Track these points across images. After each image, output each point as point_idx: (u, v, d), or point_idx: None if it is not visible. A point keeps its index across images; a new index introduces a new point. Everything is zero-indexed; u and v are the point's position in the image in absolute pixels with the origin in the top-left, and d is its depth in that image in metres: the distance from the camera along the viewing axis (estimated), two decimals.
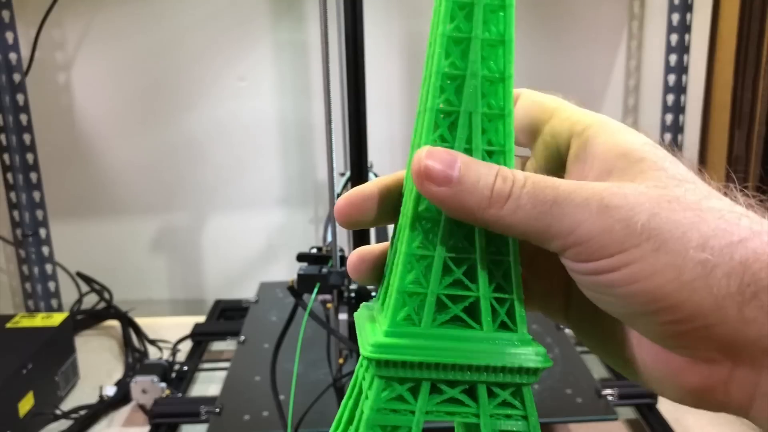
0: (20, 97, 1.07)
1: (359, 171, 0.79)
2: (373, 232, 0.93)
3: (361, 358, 0.27)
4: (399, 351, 0.26)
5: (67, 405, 0.86)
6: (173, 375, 0.90)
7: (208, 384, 0.93)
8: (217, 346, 1.04)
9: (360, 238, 0.87)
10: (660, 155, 0.25)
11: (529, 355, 0.26)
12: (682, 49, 1.11)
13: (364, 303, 0.30)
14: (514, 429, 0.26)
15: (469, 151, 0.25)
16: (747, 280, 0.22)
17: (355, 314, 0.30)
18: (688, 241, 0.22)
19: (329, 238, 0.94)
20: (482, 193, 0.24)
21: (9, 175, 1.09)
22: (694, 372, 0.24)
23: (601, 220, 0.23)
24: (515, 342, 0.26)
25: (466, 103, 0.26)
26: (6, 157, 1.08)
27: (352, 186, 0.63)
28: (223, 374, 0.88)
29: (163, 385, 0.85)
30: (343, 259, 0.95)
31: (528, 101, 0.28)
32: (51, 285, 1.14)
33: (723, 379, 0.24)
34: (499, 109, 0.26)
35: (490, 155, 0.26)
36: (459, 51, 0.26)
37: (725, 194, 0.25)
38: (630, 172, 0.24)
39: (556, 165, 0.28)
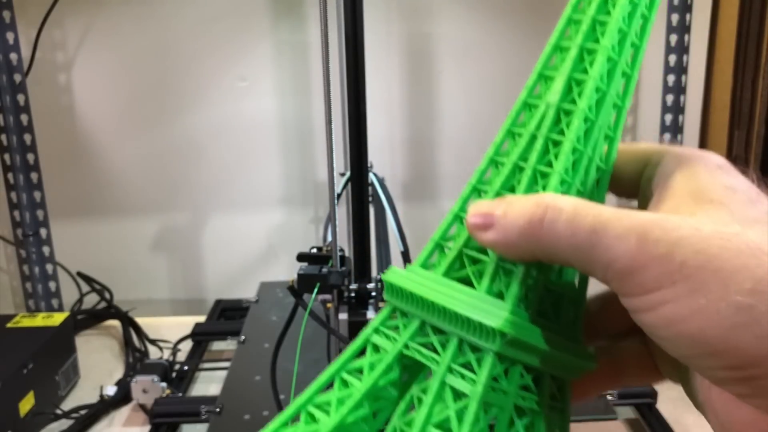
0: (21, 98, 1.07)
1: (359, 171, 0.79)
2: (372, 233, 0.93)
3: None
4: (399, 277, 0.28)
5: (67, 405, 0.86)
6: (174, 375, 0.90)
7: (208, 384, 0.93)
8: (218, 345, 1.04)
9: (360, 234, 0.87)
10: (733, 198, 0.23)
11: (490, 313, 0.26)
12: (682, 49, 1.11)
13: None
14: (459, 387, 0.26)
15: (524, 169, 0.27)
16: None
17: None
18: (734, 284, 0.21)
19: (329, 238, 0.94)
20: (518, 224, 0.24)
21: (9, 175, 1.09)
22: (759, 423, 0.22)
23: (640, 255, 0.22)
24: (492, 305, 0.26)
25: (533, 125, 0.27)
26: (6, 157, 1.08)
27: (353, 186, 0.63)
28: (223, 374, 0.89)
29: (164, 384, 0.85)
30: (343, 259, 0.95)
31: (620, 152, 0.28)
32: (51, 285, 1.14)
33: None
34: (565, 134, 0.27)
35: (543, 176, 0.27)
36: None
37: None
38: (693, 209, 0.23)
39: None
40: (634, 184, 0.28)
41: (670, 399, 0.84)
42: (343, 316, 0.90)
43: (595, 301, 0.27)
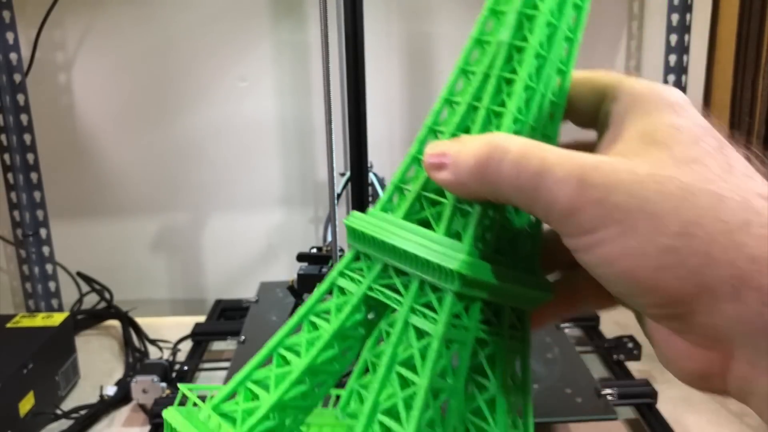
0: (21, 98, 1.07)
1: (359, 171, 0.79)
2: None
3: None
4: (360, 221, 0.30)
5: (67, 405, 0.86)
6: (174, 375, 0.90)
7: (208, 383, 0.93)
8: (218, 345, 1.04)
9: None
10: (678, 137, 0.23)
11: (448, 255, 0.27)
12: (682, 49, 1.11)
13: None
14: (422, 327, 0.27)
15: (477, 109, 0.28)
16: (728, 273, 0.21)
17: None
18: (663, 226, 0.22)
19: (329, 238, 0.94)
20: (468, 163, 0.25)
21: (9, 175, 1.09)
22: (693, 357, 0.24)
23: (578, 199, 0.23)
24: (450, 247, 0.27)
25: (485, 64, 0.28)
26: (6, 157, 1.08)
27: (353, 186, 0.63)
28: (223, 374, 0.88)
29: (164, 384, 0.85)
30: None
31: (578, 83, 0.29)
32: (51, 285, 1.14)
33: (720, 368, 0.23)
34: (517, 73, 0.28)
35: (497, 115, 0.28)
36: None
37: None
38: (639, 152, 0.24)
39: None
40: (592, 116, 0.28)
41: (670, 399, 0.84)
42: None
43: (552, 234, 0.27)
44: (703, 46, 1.15)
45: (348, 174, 0.89)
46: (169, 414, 0.30)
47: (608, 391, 0.78)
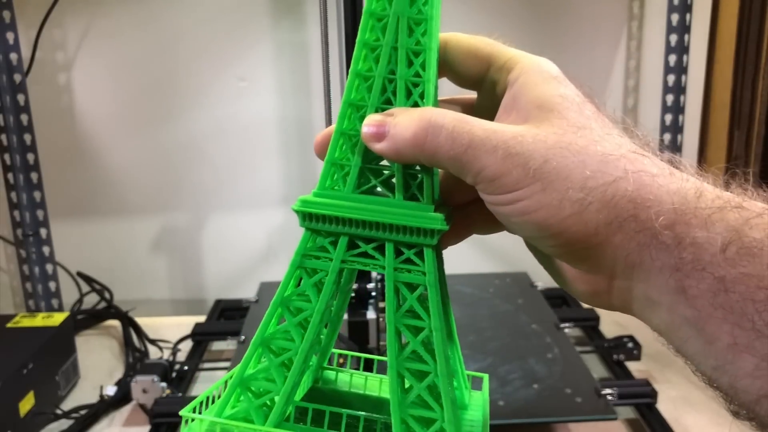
0: (21, 98, 1.07)
1: None
2: None
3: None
4: (321, 207, 0.32)
5: (67, 404, 0.86)
6: (174, 375, 0.91)
7: (208, 384, 0.93)
8: (218, 345, 1.04)
9: None
10: (566, 105, 0.29)
11: (428, 219, 0.31)
12: (682, 49, 1.11)
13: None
14: (412, 281, 0.32)
15: (394, 81, 0.31)
16: (614, 213, 0.27)
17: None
18: (570, 182, 0.27)
19: None
20: (405, 136, 0.30)
21: (10, 175, 1.09)
22: (584, 281, 0.31)
23: (504, 166, 0.28)
24: (420, 209, 0.31)
25: (391, 37, 0.31)
26: (6, 157, 1.08)
27: None
28: (223, 374, 0.88)
29: (164, 384, 0.85)
30: None
31: (464, 53, 0.33)
32: (51, 285, 1.14)
33: (605, 287, 0.30)
34: (423, 44, 0.31)
35: (415, 86, 0.31)
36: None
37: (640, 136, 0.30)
38: (539, 120, 0.29)
39: (497, 110, 0.32)
40: (475, 80, 0.34)
41: (670, 399, 0.84)
42: (344, 316, 0.90)
43: (447, 180, 0.33)
44: (703, 46, 1.15)
45: None
46: None
47: (608, 391, 0.78)
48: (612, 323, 1.05)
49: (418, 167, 0.31)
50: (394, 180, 0.32)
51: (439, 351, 0.31)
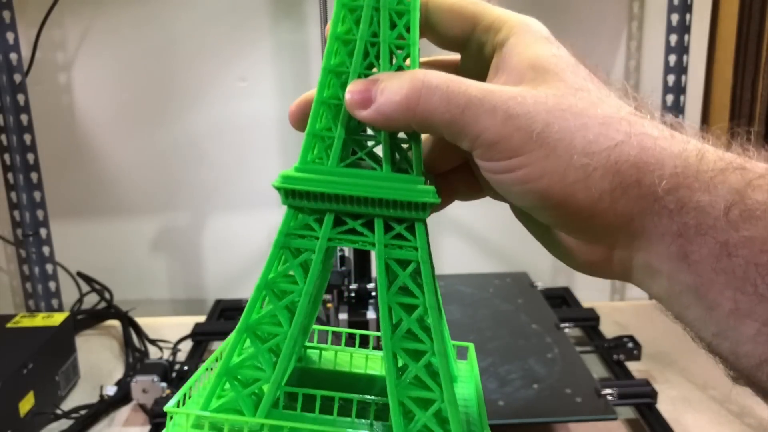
0: (21, 98, 1.07)
1: None
2: None
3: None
4: (304, 183, 0.30)
5: (67, 404, 0.86)
6: (174, 375, 0.90)
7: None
8: (218, 345, 1.04)
9: None
10: (562, 66, 0.28)
11: (419, 192, 0.29)
12: (682, 49, 1.11)
13: None
14: (404, 257, 0.30)
15: (376, 44, 0.29)
16: (618, 179, 0.26)
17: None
18: (573, 147, 0.26)
19: None
20: (395, 101, 0.28)
21: (9, 175, 1.09)
22: (584, 251, 0.30)
23: (504, 128, 0.26)
24: (409, 182, 0.30)
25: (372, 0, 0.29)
26: (6, 157, 1.08)
27: None
28: None
29: (164, 384, 0.85)
30: (343, 259, 0.95)
31: (447, 12, 0.31)
32: (51, 285, 1.14)
33: (606, 257, 0.29)
34: (407, 4, 0.29)
35: (399, 49, 0.29)
36: None
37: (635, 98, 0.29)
38: (536, 82, 0.28)
39: (483, 71, 0.31)
40: (459, 41, 0.32)
41: (670, 399, 0.84)
42: (343, 316, 0.90)
43: (430, 147, 0.32)
44: (703, 46, 1.15)
45: None
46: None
47: (608, 391, 0.78)
48: (612, 323, 1.05)
49: (404, 136, 0.30)
50: (380, 151, 0.30)
51: (435, 329, 0.30)
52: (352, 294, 0.92)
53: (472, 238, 1.21)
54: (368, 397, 0.33)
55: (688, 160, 0.26)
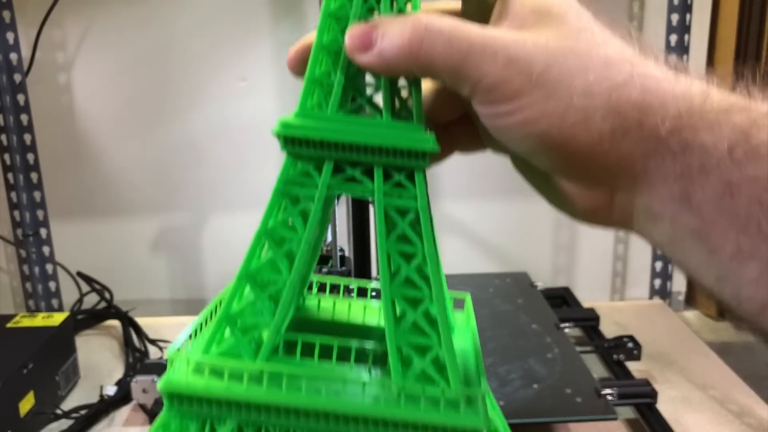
0: (21, 98, 1.07)
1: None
2: (372, 232, 0.93)
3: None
4: (303, 130, 0.30)
5: (67, 404, 0.86)
6: None
7: None
8: None
9: (360, 234, 0.87)
10: (565, 9, 0.28)
11: (419, 140, 0.29)
12: (682, 49, 1.11)
13: None
14: (403, 206, 0.30)
15: None
16: (619, 121, 0.26)
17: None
18: (573, 89, 0.26)
19: (329, 238, 0.94)
20: (397, 45, 0.27)
21: (9, 175, 1.09)
22: (584, 197, 0.29)
23: (504, 72, 0.26)
24: (410, 129, 0.30)
25: None
26: (6, 157, 1.08)
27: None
28: None
29: None
30: (343, 259, 0.95)
31: None
32: (51, 285, 1.14)
33: (606, 203, 0.28)
34: None
35: None
36: None
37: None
38: (538, 25, 0.27)
39: (485, 18, 0.30)
40: None
41: (670, 399, 0.84)
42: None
43: (430, 98, 0.32)
44: (703, 45, 1.15)
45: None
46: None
47: (608, 391, 0.78)
48: (612, 323, 1.05)
49: (404, 83, 0.30)
50: (380, 99, 0.30)
51: (434, 276, 0.30)
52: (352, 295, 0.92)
53: (472, 239, 1.21)
54: (367, 343, 0.33)
55: (692, 101, 0.25)
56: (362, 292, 0.40)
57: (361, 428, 0.30)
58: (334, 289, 0.41)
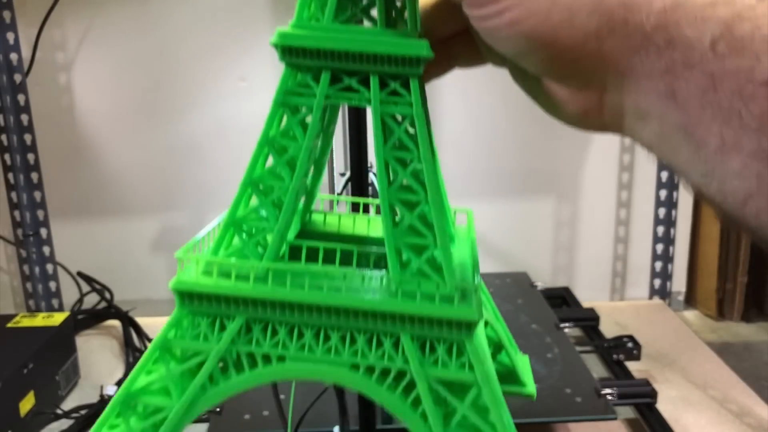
0: (21, 98, 1.07)
1: (359, 171, 0.79)
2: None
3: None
4: (300, 39, 0.32)
5: (68, 404, 0.86)
6: None
7: None
8: None
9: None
10: None
11: (413, 46, 0.30)
12: None
13: None
14: (399, 113, 0.31)
15: None
16: (605, 18, 0.26)
17: None
18: None
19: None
20: None
21: (10, 175, 1.09)
22: (575, 100, 0.29)
23: None
24: (403, 37, 0.30)
25: None
26: (7, 157, 1.08)
27: (353, 186, 0.63)
28: None
29: None
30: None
31: None
32: (52, 285, 1.14)
33: (596, 104, 0.29)
34: None
35: None
36: None
37: None
38: None
39: None
40: None
41: (669, 399, 0.84)
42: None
43: (427, 14, 0.33)
44: None
45: (348, 174, 0.89)
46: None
47: (608, 391, 0.78)
48: (612, 323, 1.05)
49: None
50: (375, 9, 0.31)
51: (429, 180, 0.31)
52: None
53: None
54: (368, 247, 0.35)
55: None
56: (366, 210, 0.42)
57: (361, 322, 0.31)
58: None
